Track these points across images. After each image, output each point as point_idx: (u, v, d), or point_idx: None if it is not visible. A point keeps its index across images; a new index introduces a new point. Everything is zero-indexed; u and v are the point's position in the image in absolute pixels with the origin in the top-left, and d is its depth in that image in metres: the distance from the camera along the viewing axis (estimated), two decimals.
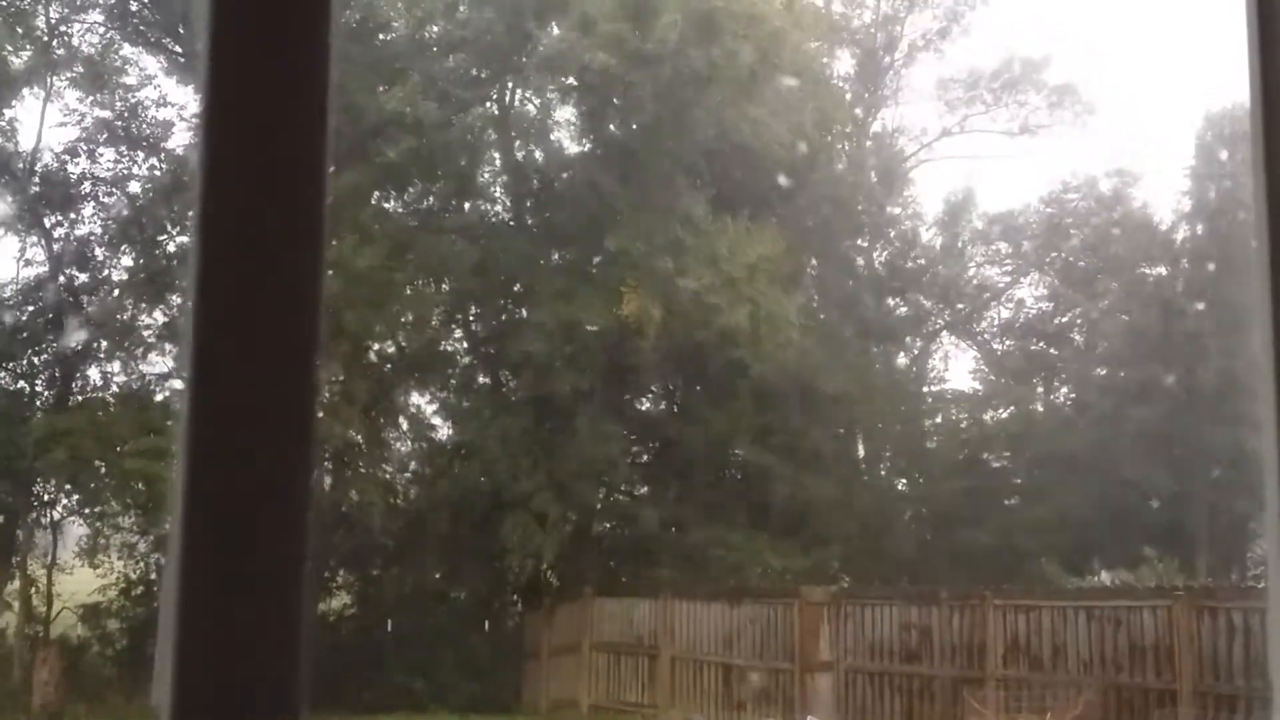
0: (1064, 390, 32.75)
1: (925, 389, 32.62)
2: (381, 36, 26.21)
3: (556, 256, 27.05)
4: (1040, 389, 32.81)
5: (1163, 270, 30.73)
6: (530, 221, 27.85)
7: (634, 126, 25.91)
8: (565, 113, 28.53)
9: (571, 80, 26.17)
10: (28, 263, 25.57)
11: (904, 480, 31.55)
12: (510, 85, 27.79)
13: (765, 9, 25.96)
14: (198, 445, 1.00)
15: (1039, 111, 32.80)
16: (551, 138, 28.70)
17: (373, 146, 24.04)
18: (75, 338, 25.65)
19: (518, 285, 26.97)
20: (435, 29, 26.94)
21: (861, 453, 31.14)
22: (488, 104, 27.88)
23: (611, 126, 26.97)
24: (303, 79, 1.07)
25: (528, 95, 28.33)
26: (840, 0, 32.68)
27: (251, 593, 1.00)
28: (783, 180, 27.15)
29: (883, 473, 31.65)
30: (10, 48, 25.17)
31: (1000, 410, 31.72)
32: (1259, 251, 1.48)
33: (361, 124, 23.25)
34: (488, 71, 26.74)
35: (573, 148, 28.51)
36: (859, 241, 31.65)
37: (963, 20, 32.65)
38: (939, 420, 32.09)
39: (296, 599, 0.95)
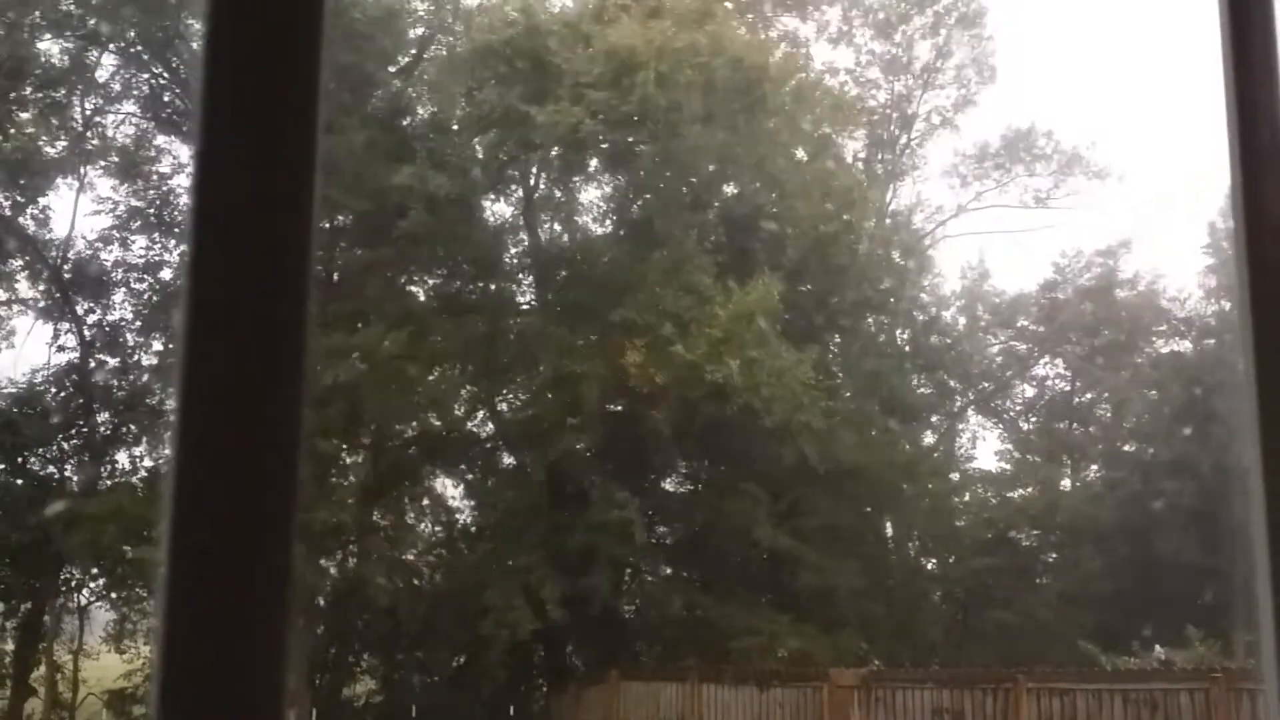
0: (1093, 467, 32.45)
1: (952, 467, 32.38)
2: (405, 120, 26.57)
3: (581, 341, 27.08)
4: (1068, 466, 32.52)
5: (1188, 345, 30.57)
6: (553, 300, 27.98)
7: (656, 205, 26.08)
8: (588, 194, 28.89)
9: (593, 160, 26.44)
10: (60, 348, 25.93)
11: (933, 560, 31.18)
12: (535, 168, 28.06)
13: (787, 88, 26.24)
14: (181, 528, 1.02)
15: (1058, 189, 32.99)
16: (576, 220, 28.98)
17: (393, 227, 24.29)
18: (104, 423, 25.85)
19: (541, 366, 27.02)
20: (458, 111, 27.28)
21: (890, 532, 30.84)
22: (512, 186, 28.19)
23: (634, 209, 27.17)
24: (291, 158, 1.11)
25: (551, 175, 28.57)
26: (855, 81, 33.09)
27: (236, 670, 1.00)
28: (806, 257, 27.20)
29: (911, 552, 31.30)
30: (46, 138, 25.71)
31: (1028, 488, 31.42)
32: (1245, 369, 1.49)
33: (384, 204, 23.52)
34: (506, 153, 26.95)
35: (596, 228, 28.79)
36: (882, 319, 31.65)
37: (976, 96, 33.03)
38: (967, 498, 31.81)
39: (279, 683, 0.96)
